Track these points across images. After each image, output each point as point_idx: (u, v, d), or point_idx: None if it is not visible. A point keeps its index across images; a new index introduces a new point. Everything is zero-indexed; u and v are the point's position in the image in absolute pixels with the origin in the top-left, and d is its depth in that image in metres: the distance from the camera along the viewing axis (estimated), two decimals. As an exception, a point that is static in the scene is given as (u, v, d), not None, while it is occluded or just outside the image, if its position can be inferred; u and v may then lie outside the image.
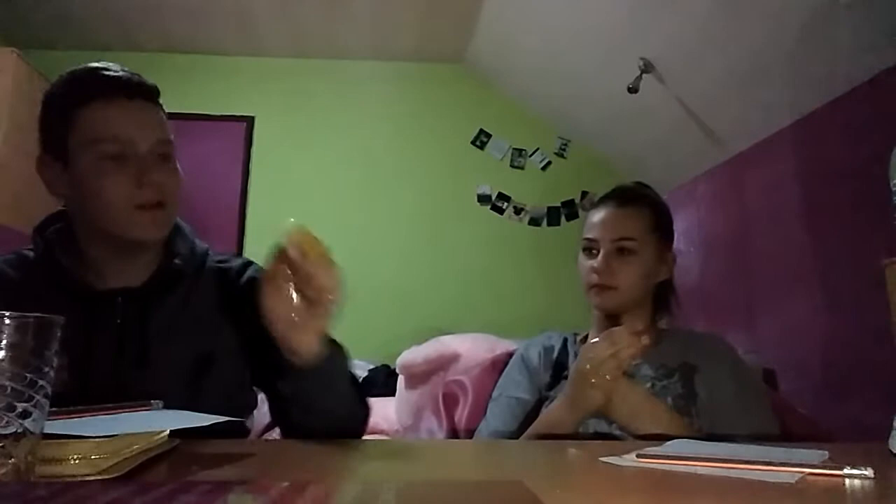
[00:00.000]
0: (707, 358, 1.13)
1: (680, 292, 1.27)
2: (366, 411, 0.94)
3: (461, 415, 1.31)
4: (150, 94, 0.95)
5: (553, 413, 1.01)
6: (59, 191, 0.94)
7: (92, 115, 0.89)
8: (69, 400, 0.68)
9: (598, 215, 1.24)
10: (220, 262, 1.07)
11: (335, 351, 0.84)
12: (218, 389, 0.94)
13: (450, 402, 1.39)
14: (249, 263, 1.07)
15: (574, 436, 0.97)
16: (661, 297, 1.25)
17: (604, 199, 1.26)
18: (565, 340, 1.27)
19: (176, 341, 0.94)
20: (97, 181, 0.88)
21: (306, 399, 0.84)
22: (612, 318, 1.19)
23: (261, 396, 1.03)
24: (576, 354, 1.18)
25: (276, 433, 1.69)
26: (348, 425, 0.89)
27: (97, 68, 0.94)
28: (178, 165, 0.98)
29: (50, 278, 0.92)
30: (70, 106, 0.90)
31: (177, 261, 0.99)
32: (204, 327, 0.97)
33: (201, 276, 1.02)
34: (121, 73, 0.94)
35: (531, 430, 1.03)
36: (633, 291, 1.18)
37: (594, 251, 1.20)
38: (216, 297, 1.01)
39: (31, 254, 0.97)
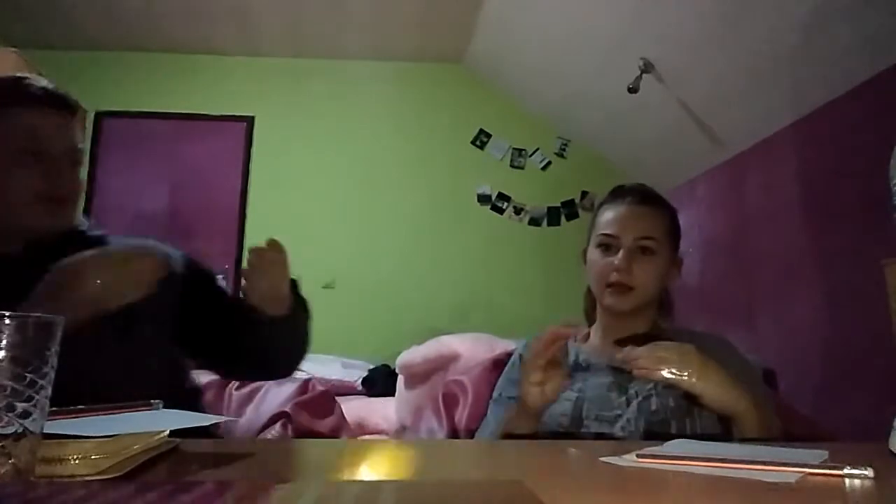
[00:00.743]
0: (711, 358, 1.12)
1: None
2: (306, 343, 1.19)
3: (461, 415, 1.31)
4: (70, 107, 1.06)
5: (510, 412, 1.02)
6: None
7: (17, 114, 0.99)
8: None
9: (617, 211, 1.18)
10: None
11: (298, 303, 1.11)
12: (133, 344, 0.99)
13: (450, 401, 1.39)
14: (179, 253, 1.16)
15: (574, 436, 0.96)
16: (663, 298, 1.23)
17: (619, 195, 1.20)
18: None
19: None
20: (7, 171, 0.97)
21: (276, 342, 1.07)
22: (618, 319, 1.16)
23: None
24: (576, 354, 1.17)
25: (274, 430, 1.69)
26: (293, 359, 1.19)
27: (27, 78, 1.04)
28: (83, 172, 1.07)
29: None
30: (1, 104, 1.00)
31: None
32: None
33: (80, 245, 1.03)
34: (48, 86, 1.05)
35: (496, 430, 1.04)
36: (649, 293, 1.14)
37: (613, 248, 1.15)
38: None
39: None
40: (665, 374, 0.91)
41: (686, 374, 0.91)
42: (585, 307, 1.28)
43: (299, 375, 1.92)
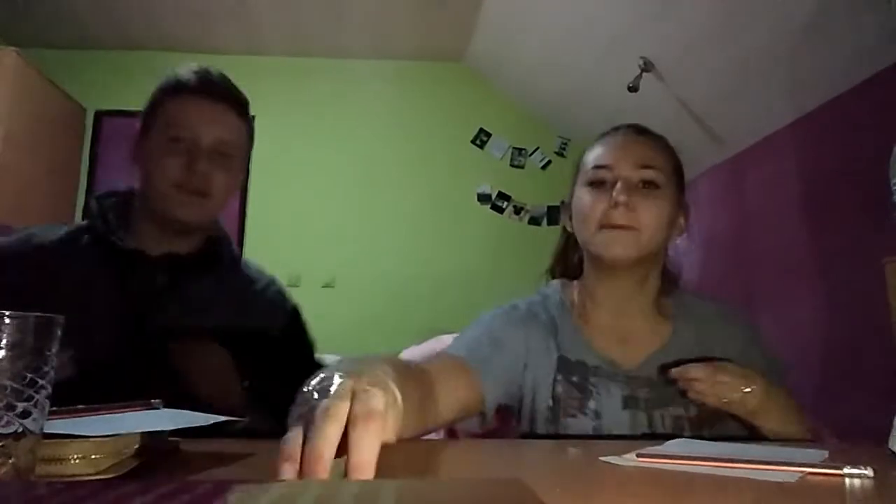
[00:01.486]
0: (727, 347, 0.96)
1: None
2: None
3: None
4: (233, 102, 1.06)
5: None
6: (138, 158, 1.05)
7: (176, 103, 1.03)
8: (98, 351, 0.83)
9: (611, 142, 0.98)
10: (247, 264, 1.17)
11: None
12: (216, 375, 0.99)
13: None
14: (283, 294, 1.18)
15: (574, 436, 0.96)
16: (667, 264, 1.04)
17: (611, 131, 1.02)
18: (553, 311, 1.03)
19: (200, 317, 1.02)
20: (155, 156, 1.01)
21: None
22: (617, 276, 0.96)
23: None
24: (582, 345, 0.97)
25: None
26: None
27: (202, 69, 1.08)
28: (238, 171, 1.08)
29: (94, 239, 1.02)
30: (167, 91, 1.05)
31: (218, 248, 1.10)
32: (223, 314, 1.05)
33: (238, 272, 1.12)
34: (216, 79, 1.07)
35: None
36: (655, 239, 0.94)
37: (607, 182, 0.94)
38: (238, 299, 1.09)
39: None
40: (725, 401, 0.82)
41: (749, 407, 0.83)
42: (553, 265, 1.10)
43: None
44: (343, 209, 3.93)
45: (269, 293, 1.15)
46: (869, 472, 0.53)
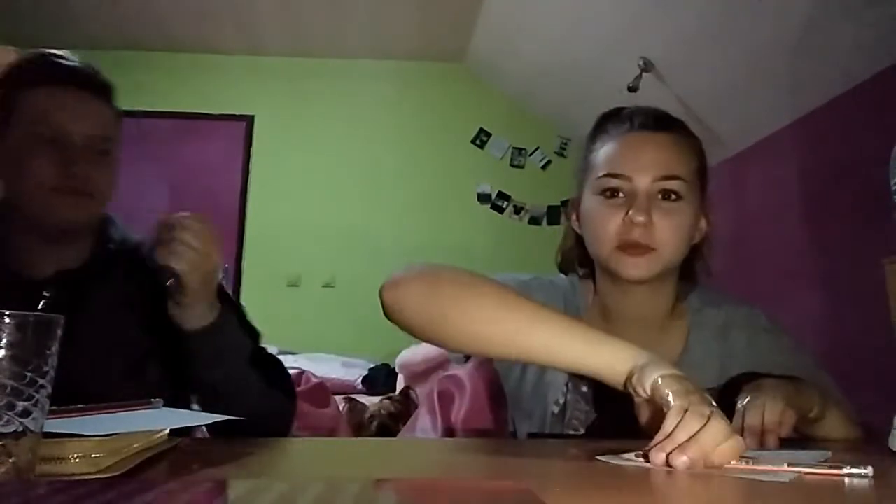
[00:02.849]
0: (746, 357, 0.88)
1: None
2: (282, 403, 0.93)
3: (458, 412, 1.29)
4: (99, 89, 0.94)
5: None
6: None
7: (35, 97, 0.89)
8: None
9: (624, 140, 0.87)
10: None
11: (226, 323, 0.86)
12: (143, 383, 0.91)
13: (445, 399, 1.36)
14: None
15: (573, 435, 0.96)
16: (686, 263, 0.92)
17: (623, 119, 0.89)
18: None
19: (115, 333, 0.93)
20: (24, 158, 0.88)
21: (199, 371, 0.85)
22: (631, 293, 0.88)
23: None
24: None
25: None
26: (256, 412, 0.81)
27: (53, 54, 0.93)
28: (116, 163, 0.96)
29: None
30: (21, 85, 0.91)
31: (110, 246, 0.97)
32: (129, 319, 0.95)
33: (133, 267, 0.97)
34: (74, 64, 0.94)
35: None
36: (676, 255, 0.85)
37: (624, 194, 0.84)
38: (140, 288, 0.97)
39: None
40: (789, 427, 0.69)
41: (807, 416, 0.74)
42: (561, 260, 1.00)
43: (292, 371, 1.91)
44: (343, 209, 3.93)
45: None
46: (868, 471, 0.52)
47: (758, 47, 2.40)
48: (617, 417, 0.72)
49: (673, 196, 0.83)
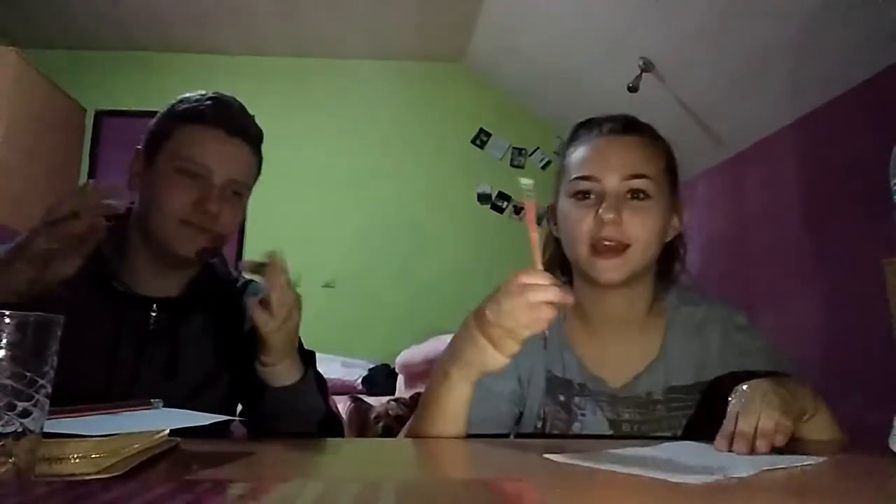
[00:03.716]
0: (724, 358, 0.90)
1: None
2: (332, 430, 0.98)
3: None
4: (250, 138, 1.01)
5: (435, 376, 0.80)
6: (135, 186, 1.00)
7: (189, 133, 0.97)
8: (90, 395, 0.73)
9: (594, 144, 0.91)
10: (244, 285, 1.12)
11: (306, 388, 0.91)
12: (216, 405, 0.97)
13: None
14: (248, 283, 1.11)
15: (572, 435, 0.96)
16: (664, 262, 0.96)
17: (594, 125, 0.94)
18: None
19: (197, 356, 1.00)
20: (163, 187, 0.95)
21: (280, 417, 0.89)
22: (607, 292, 0.91)
23: None
24: (563, 359, 0.94)
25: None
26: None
27: (220, 98, 1.01)
28: (245, 208, 1.04)
29: (91, 272, 0.92)
30: (179, 118, 0.98)
31: (210, 278, 1.05)
32: (219, 347, 1.02)
33: (229, 300, 1.07)
34: (233, 111, 1.01)
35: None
36: (647, 253, 0.88)
37: (594, 195, 0.88)
38: (229, 320, 1.06)
39: None
40: (785, 436, 0.68)
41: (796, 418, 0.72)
42: (548, 260, 1.00)
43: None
44: (343, 209, 3.93)
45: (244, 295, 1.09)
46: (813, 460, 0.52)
47: (758, 47, 2.40)
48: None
49: (641, 195, 0.87)
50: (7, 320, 0.42)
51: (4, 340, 0.42)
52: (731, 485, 0.54)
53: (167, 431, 0.64)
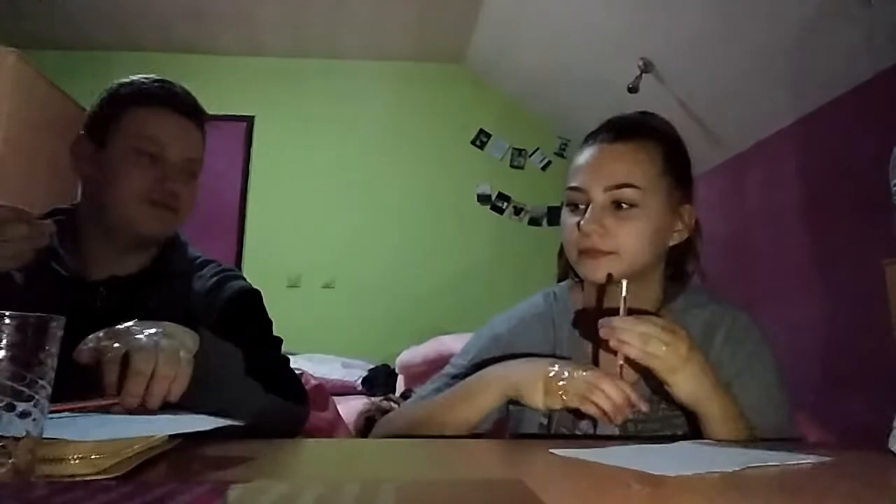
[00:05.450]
0: (728, 366, 0.90)
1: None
2: (282, 406, 0.91)
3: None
4: (199, 118, 1.04)
5: (463, 390, 0.88)
6: (83, 171, 1.01)
7: (143, 115, 0.98)
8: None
9: (585, 155, 0.94)
10: (199, 266, 1.09)
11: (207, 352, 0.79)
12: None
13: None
14: (226, 280, 1.06)
15: (572, 435, 0.96)
16: (676, 265, 0.98)
17: (595, 133, 0.97)
18: (552, 321, 1.01)
19: None
20: (122, 168, 0.96)
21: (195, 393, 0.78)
22: (606, 292, 0.93)
23: None
24: (554, 334, 0.98)
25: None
26: (264, 420, 0.81)
27: (163, 80, 1.03)
28: (198, 186, 1.05)
29: (39, 263, 0.91)
30: (126, 101, 0.99)
31: (169, 258, 1.04)
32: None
33: (188, 279, 1.06)
34: (179, 91, 1.03)
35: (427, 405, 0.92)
36: (640, 258, 0.89)
37: (580, 205, 0.91)
38: (185, 301, 1.02)
39: None
40: (642, 353, 0.77)
41: (668, 360, 0.77)
42: (558, 267, 1.08)
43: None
44: (343, 209, 3.93)
45: (217, 294, 1.04)
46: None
47: (758, 47, 2.40)
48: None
49: (625, 204, 0.88)
50: (7, 321, 0.42)
51: (4, 341, 0.42)
52: (729, 483, 0.54)
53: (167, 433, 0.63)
